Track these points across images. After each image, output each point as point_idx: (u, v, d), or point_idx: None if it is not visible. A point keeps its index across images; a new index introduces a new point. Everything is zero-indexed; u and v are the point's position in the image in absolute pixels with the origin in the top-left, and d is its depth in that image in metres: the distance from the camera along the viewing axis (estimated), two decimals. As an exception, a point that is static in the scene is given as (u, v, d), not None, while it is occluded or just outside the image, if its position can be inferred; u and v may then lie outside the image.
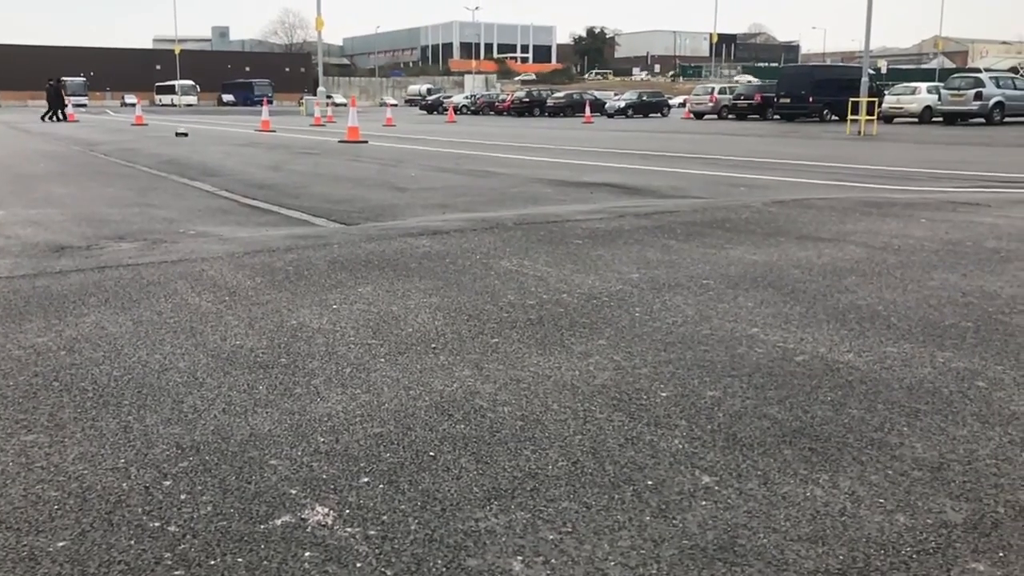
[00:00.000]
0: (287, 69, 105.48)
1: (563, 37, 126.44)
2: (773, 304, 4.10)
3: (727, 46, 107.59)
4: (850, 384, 2.98)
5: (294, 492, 2.19)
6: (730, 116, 36.84)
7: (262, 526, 2.03)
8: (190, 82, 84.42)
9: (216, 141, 20.72)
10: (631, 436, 2.56)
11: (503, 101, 51.68)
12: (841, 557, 1.88)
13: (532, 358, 3.31)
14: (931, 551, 1.90)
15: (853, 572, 1.83)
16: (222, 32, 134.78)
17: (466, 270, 4.93)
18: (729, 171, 12.27)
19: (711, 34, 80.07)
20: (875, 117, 24.55)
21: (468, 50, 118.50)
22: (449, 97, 59.65)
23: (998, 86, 28.71)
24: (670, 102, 48.10)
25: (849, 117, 23.75)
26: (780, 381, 3.02)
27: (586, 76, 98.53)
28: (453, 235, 6.16)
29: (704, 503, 2.14)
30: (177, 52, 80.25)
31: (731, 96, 37.94)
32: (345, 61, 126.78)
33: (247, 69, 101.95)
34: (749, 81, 42.67)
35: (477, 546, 1.94)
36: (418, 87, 79.91)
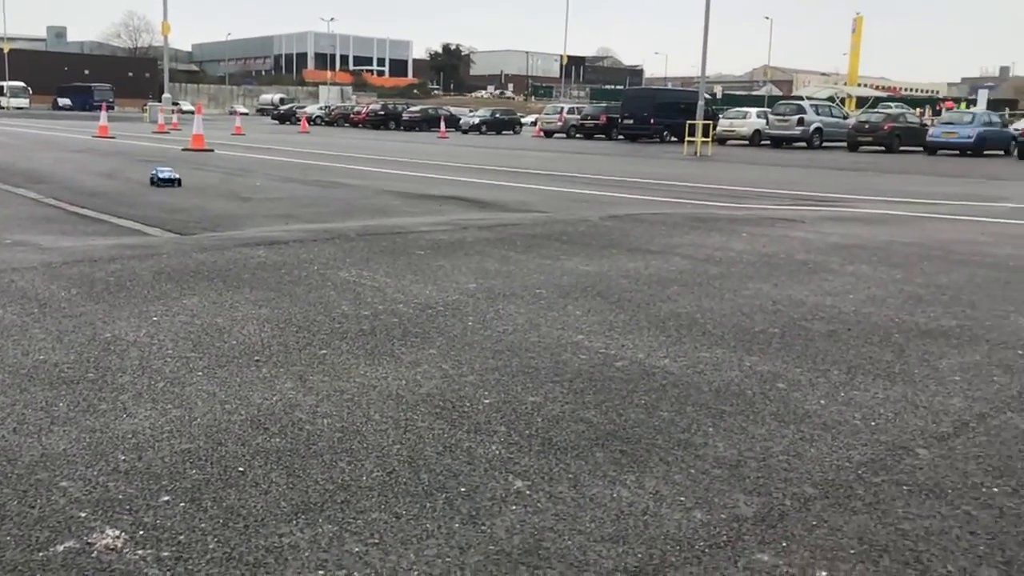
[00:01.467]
0: (131, 74, 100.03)
1: (419, 52, 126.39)
2: (600, 312, 4.22)
3: (577, 68, 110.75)
4: (663, 388, 3.10)
5: (83, 515, 2.05)
6: (578, 135, 37.86)
7: (41, 554, 1.88)
8: (20, 83, 78.61)
9: (47, 146, 19.40)
10: (450, 444, 2.55)
11: (358, 113, 51.05)
12: (639, 555, 1.94)
13: (360, 368, 3.26)
14: (722, 544, 1.99)
15: (649, 569, 1.89)
16: (59, 32, 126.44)
17: (301, 281, 4.81)
18: (574, 187, 12.60)
19: (562, 56, 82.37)
20: (710, 139, 25.88)
21: (323, 61, 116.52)
22: (303, 107, 58.32)
23: (817, 113, 30.96)
24: (522, 120, 48.95)
25: (687, 138, 24.90)
26: (599, 386, 3.10)
27: (432, 92, 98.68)
28: (292, 245, 6.01)
29: (514, 508, 2.16)
30: (6, 51, 74.75)
31: (579, 116, 39.05)
32: (194, 67, 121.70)
33: (86, 72, 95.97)
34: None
35: (278, 562, 1.88)
36: (271, 96, 77.73)
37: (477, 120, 44.93)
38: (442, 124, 39.93)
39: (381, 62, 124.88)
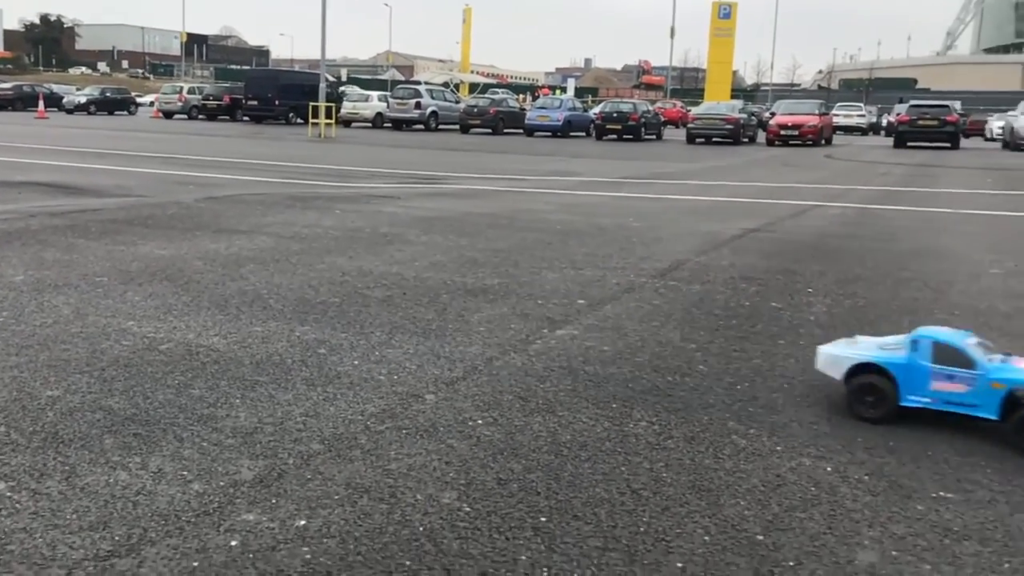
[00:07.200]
0: None
1: (12, 22, 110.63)
2: (161, 296, 4.02)
3: (199, 46, 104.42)
4: (203, 366, 3.02)
5: None
6: (200, 116, 35.90)
7: None
8: None
9: None
10: (-77, 454, 2.25)
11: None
12: (117, 538, 1.86)
13: None
14: (211, 511, 1.98)
15: (123, 550, 1.82)
16: None
17: None
18: (186, 170, 11.91)
19: (181, 33, 77.38)
20: (334, 121, 25.91)
21: None
22: None
23: (433, 97, 32.46)
24: (139, 100, 45.15)
25: (311, 120, 24.73)
26: (134, 371, 2.95)
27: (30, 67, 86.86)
28: None
29: (-14, 513, 1.96)
30: None
31: (200, 96, 37.03)
32: None
33: None
34: None
35: None
36: None
37: (84, 99, 40.66)
38: (41, 103, 35.48)
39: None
